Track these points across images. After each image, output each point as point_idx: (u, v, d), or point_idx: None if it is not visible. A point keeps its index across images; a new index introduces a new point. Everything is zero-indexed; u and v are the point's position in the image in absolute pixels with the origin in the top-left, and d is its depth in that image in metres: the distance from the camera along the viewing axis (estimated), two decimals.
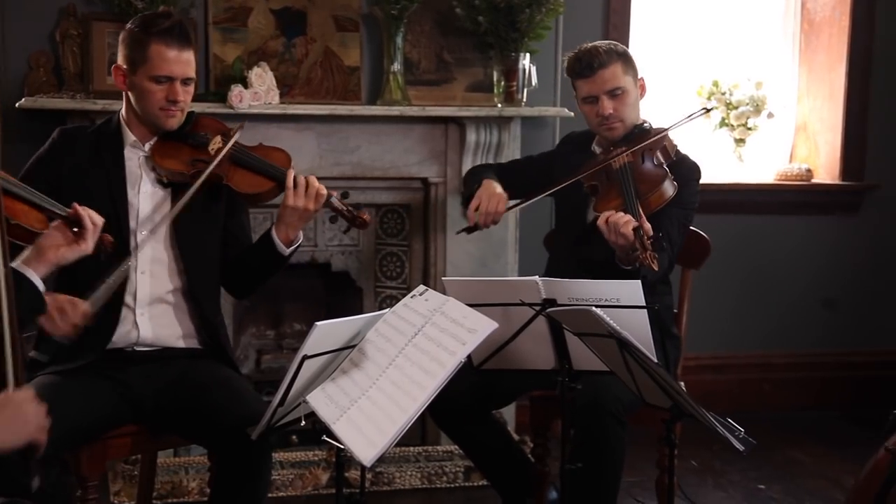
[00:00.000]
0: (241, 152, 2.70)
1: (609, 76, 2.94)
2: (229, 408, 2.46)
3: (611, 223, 2.67)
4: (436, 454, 3.81)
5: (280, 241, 2.68)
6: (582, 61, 2.97)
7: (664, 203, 2.84)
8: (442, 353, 2.03)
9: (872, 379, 4.59)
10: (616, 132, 2.98)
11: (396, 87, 3.80)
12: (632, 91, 2.98)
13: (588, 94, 2.98)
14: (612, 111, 2.95)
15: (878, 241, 4.71)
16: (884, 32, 4.59)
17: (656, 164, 2.92)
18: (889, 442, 2.05)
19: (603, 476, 2.65)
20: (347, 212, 2.73)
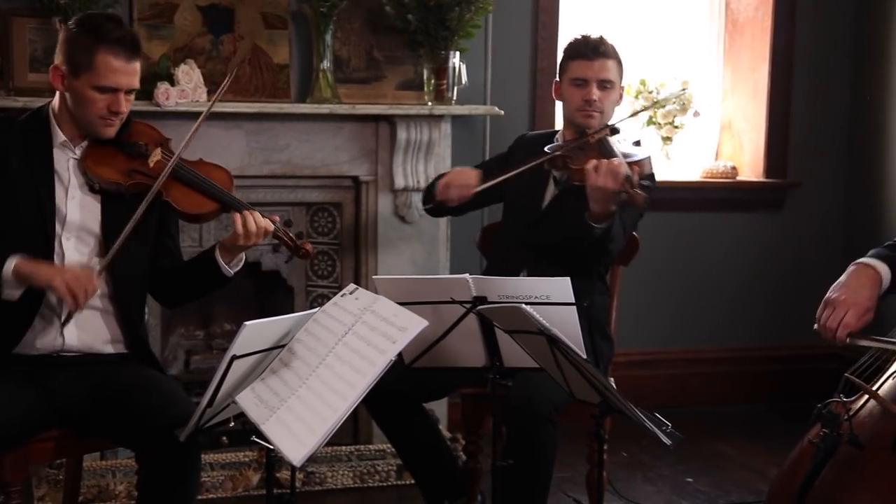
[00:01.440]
0: (184, 169, 2.63)
1: (608, 66, 3.02)
2: (156, 409, 2.42)
3: (601, 166, 2.67)
4: (368, 453, 3.80)
5: (224, 263, 2.65)
6: (589, 43, 3.03)
7: (643, 176, 2.85)
8: (372, 351, 2.02)
9: (797, 373, 4.69)
10: (594, 120, 3.01)
11: (326, 85, 3.78)
12: (617, 90, 3.06)
13: (580, 76, 3.01)
14: (598, 99, 2.99)
15: (801, 238, 4.81)
16: (804, 33, 4.69)
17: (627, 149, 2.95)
18: (812, 434, 2.10)
19: (534, 474, 2.67)
20: (290, 241, 2.69)
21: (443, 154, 3.94)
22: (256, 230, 2.59)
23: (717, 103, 4.88)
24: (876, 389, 2.09)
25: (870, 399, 2.10)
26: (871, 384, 2.10)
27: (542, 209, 3.04)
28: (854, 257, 2.27)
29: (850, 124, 4.78)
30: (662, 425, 2.13)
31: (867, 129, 4.69)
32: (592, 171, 2.69)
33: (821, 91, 4.75)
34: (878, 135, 4.62)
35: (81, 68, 2.49)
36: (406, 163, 3.90)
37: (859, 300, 2.17)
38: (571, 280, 2.37)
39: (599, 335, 2.98)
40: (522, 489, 2.66)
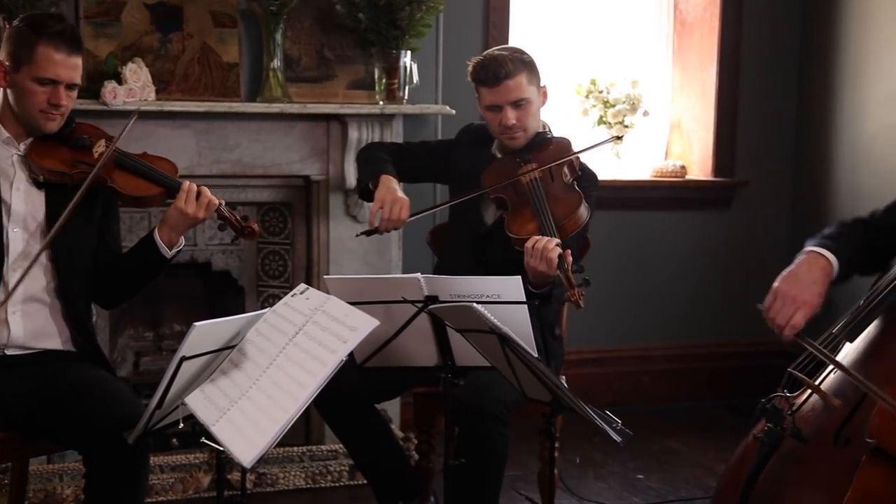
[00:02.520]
0: (127, 156, 2.69)
1: (514, 87, 2.90)
2: (104, 411, 2.39)
3: (536, 249, 2.64)
4: (320, 453, 3.79)
5: (163, 243, 2.64)
6: (488, 70, 2.92)
7: (579, 228, 2.84)
8: (323, 351, 2.02)
9: (746, 369, 4.75)
10: (517, 142, 2.98)
11: (277, 84, 3.76)
12: (535, 101, 2.97)
13: (492, 103, 2.94)
14: (515, 121, 2.93)
15: (749, 235, 4.87)
16: (752, 33, 4.75)
17: (567, 184, 2.92)
18: (756, 429, 2.13)
19: (486, 472, 2.68)
20: (237, 221, 2.72)
21: None
22: (199, 195, 2.63)
23: (667, 103, 4.92)
24: (818, 384, 2.13)
25: (812, 394, 2.13)
26: (813, 379, 2.14)
27: (485, 227, 3.02)
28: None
29: (797, 124, 4.86)
30: (612, 423, 2.15)
31: (813, 129, 4.76)
32: (529, 249, 2.65)
33: (768, 91, 4.82)
34: (823, 134, 4.69)
35: (22, 61, 2.54)
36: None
37: (810, 298, 2.18)
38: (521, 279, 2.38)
39: (550, 334, 3.00)
40: (475, 488, 2.67)
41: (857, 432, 1.96)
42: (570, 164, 2.96)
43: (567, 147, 2.99)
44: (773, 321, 2.19)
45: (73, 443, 2.52)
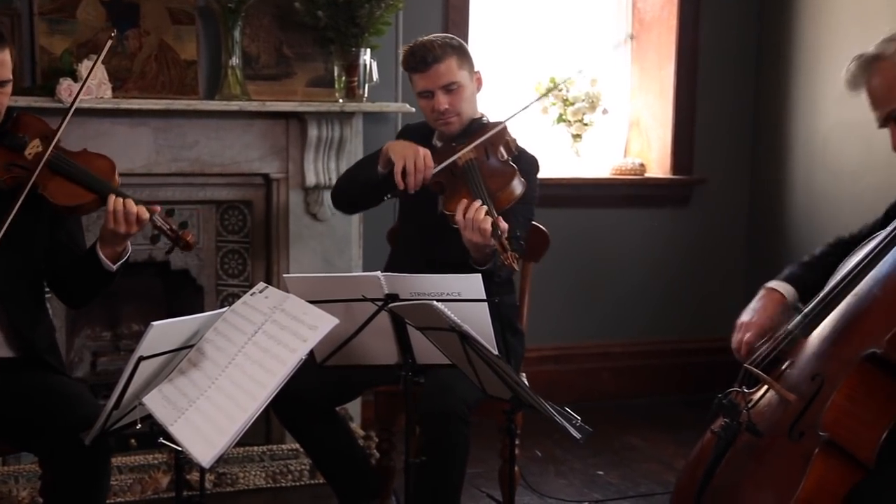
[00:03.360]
0: (61, 159, 2.56)
1: (444, 71, 2.92)
2: (60, 413, 2.37)
3: (468, 218, 2.63)
4: (280, 453, 3.77)
5: (106, 258, 2.56)
6: (416, 55, 2.94)
7: (514, 201, 2.83)
8: (282, 350, 2.01)
9: (704, 364, 4.79)
10: (452, 127, 2.99)
11: (235, 81, 3.74)
12: (468, 86, 2.98)
13: (423, 89, 2.96)
14: (448, 106, 2.94)
15: (707, 233, 4.92)
16: (709, 32, 4.79)
17: (502, 161, 2.92)
18: (714, 425, 2.15)
19: (447, 470, 2.68)
20: (171, 231, 2.58)
21: (354, 151, 3.93)
22: (125, 215, 2.50)
23: (626, 101, 4.96)
24: (774, 379, 2.15)
25: (768, 389, 2.16)
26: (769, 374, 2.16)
27: (433, 220, 3.00)
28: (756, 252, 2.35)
29: (753, 122, 4.91)
30: (572, 419, 2.16)
31: (769, 127, 4.81)
32: (462, 220, 2.65)
33: (725, 89, 4.86)
34: (779, 132, 4.75)
35: None
36: (317, 160, 3.88)
37: (760, 321, 2.33)
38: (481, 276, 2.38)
39: (510, 331, 3.00)
40: (436, 486, 2.67)
41: (811, 426, 1.99)
42: (506, 144, 2.96)
43: (503, 130, 2.97)
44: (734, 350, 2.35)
45: (30, 446, 2.49)
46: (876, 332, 1.98)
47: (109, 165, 2.64)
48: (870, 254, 2.12)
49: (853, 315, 2.10)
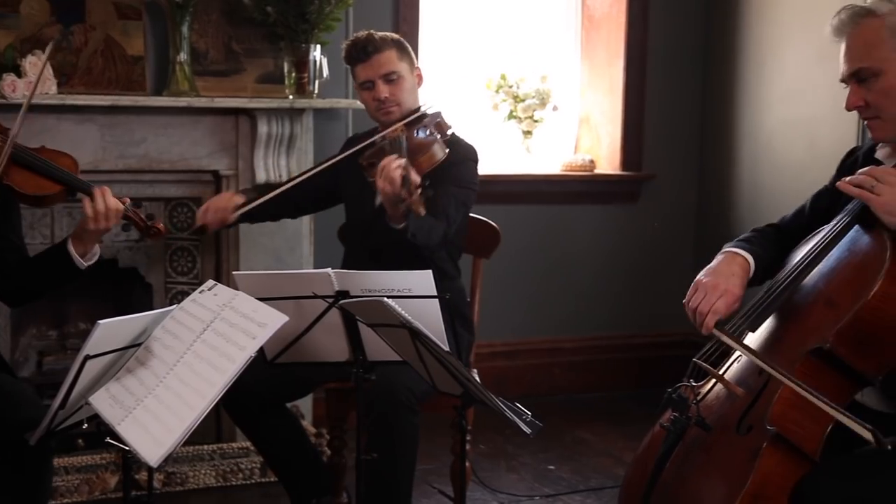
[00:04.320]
0: (24, 153, 2.59)
1: (384, 60, 3.00)
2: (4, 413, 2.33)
3: (380, 167, 2.69)
4: (231, 451, 3.74)
5: (77, 255, 2.60)
6: (357, 46, 3.02)
7: (434, 165, 2.87)
8: (231, 348, 2.00)
9: (653, 359, 4.84)
10: (392, 116, 3.02)
11: (183, 77, 3.70)
12: (408, 78, 3.04)
13: (365, 79, 3.02)
14: (388, 95, 2.99)
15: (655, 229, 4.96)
16: (657, 29, 4.83)
17: (428, 134, 2.97)
18: (663, 418, 2.17)
19: (398, 466, 2.69)
20: (141, 221, 2.68)
21: (305, 148, 3.92)
22: (106, 210, 2.57)
23: (576, 98, 4.98)
24: (722, 373, 2.18)
25: (717, 383, 2.19)
26: (717, 368, 2.19)
27: (374, 209, 3.02)
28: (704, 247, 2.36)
29: (701, 119, 4.96)
30: (522, 415, 2.16)
31: (716, 124, 4.87)
32: (376, 173, 2.70)
33: (674, 86, 4.91)
34: (725, 129, 4.80)
35: None
36: (267, 157, 3.86)
37: (731, 287, 2.22)
38: None
39: (461, 326, 3.01)
40: (387, 482, 2.68)
41: (759, 420, 2.01)
42: (438, 124, 3.01)
43: (437, 113, 3.05)
44: (694, 311, 2.21)
45: None
46: (822, 327, 2.01)
47: (72, 161, 2.70)
48: (814, 249, 2.14)
49: (799, 309, 2.13)
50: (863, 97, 2.15)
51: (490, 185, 4.02)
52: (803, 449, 1.97)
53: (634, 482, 2.23)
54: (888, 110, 2.13)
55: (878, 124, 2.16)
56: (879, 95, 2.13)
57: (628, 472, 2.35)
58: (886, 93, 2.12)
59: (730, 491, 1.96)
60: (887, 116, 2.14)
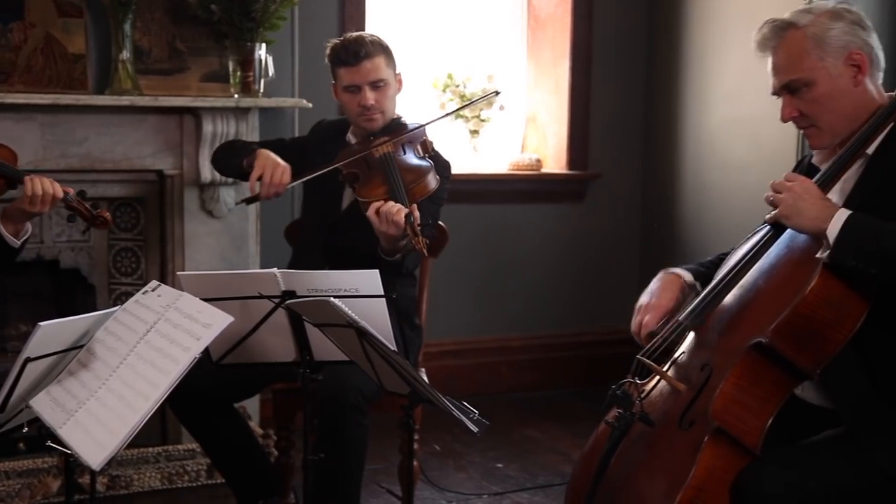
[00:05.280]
0: None
1: (373, 67, 2.96)
2: None
3: (382, 213, 2.67)
4: (177, 453, 3.71)
5: (8, 234, 2.59)
6: (348, 49, 2.97)
7: (427, 195, 2.88)
8: (175, 349, 1.98)
9: (600, 357, 4.87)
10: (376, 123, 3.00)
11: (126, 76, 3.66)
12: (392, 84, 3.03)
13: (351, 84, 2.98)
14: (374, 102, 2.97)
15: (602, 227, 5.01)
16: (602, 29, 4.87)
17: (419, 157, 2.97)
18: (608, 416, 2.19)
19: (346, 466, 2.68)
20: (86, 210, 2.64)
21: None
22: (43, 194, 2.58)
23: (523, 97, 5.01)
24: (665, 370, 2.21)
25: (660, 379, 2.21)
26: (661, 365, 2.22)
27: (340, 211, 3.03)
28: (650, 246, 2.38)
29: (646, 118, 5.01)
30: (469, 413, 2.17)
31: (661, 123, 4.92)
32: (375, 216, 2.70)
33: (619, 86, 4.95)
34: (670, 128, 4.86)
35: None
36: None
37: (661, 302, 2.32)
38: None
39: (408, 324, 3.02)
40: (335, 482, 2.67)
41: (701, 414, 2.04)
42: (424, 143, 3.02)
43: (422, 131, 3.04)
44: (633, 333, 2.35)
45: None
46: (761, 323, 2.04)
47: (10, 153, 2.69)
48: (755, 246, 2.18)
49: (739, 306, 2.16)
50: (797, 108, 2.19)
51: None
52: (744, 442, 2.00)
53: (580, 479, 2.26)
54: (823, 118, 2.17)
55: (814, 132, 2.20)
56: (813, 105, 2.17)
57: (575, 469, 2.37)
58: (819, 101, 2.16)
59: (672, 485, 1.98)
60: (823, 124, 2.17)
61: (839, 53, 2.13)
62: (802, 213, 2.03)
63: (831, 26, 2.14)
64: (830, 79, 2.14)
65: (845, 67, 2.14)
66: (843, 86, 2.15)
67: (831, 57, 2.13)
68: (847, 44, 2.14)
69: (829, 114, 2.16)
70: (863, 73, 2.15)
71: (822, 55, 2.13)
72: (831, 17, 2.15)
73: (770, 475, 1.98)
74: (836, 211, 2.00)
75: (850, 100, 2.15)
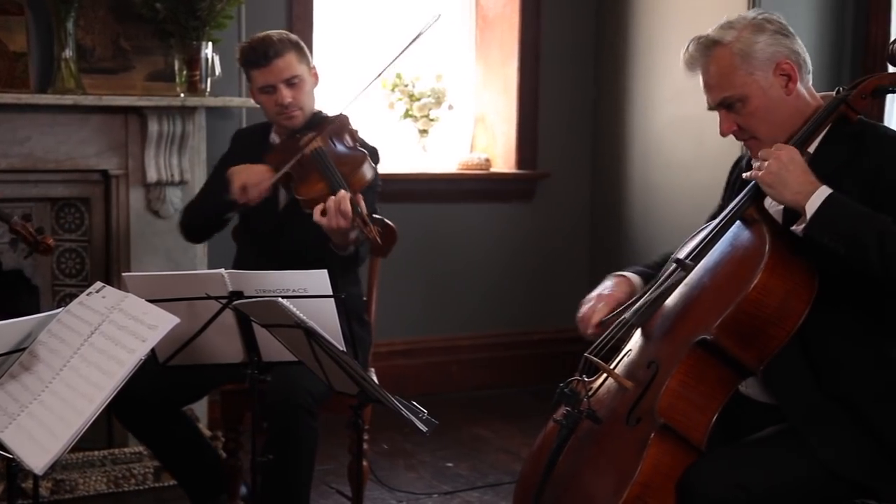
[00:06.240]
0: None
1: (285, 65, 2.92)
2: None
3: (329, 209, 2.64)
4: (123, 456, 3.67)
5: None
6: (257, 51, 2.93)
7: (366, 184, 2.86)
8: (121, 351, 1.96)
9: (550, 355, 4.89)
10: (296, 121, 2.98)
11: (69, 74, 3.61)
12: (308, 79, 2.99)
13: (266, 84, 2.94)
14: (292, 99, 2.93)
15: (551, 226, 5.03)
16: (550, 29, 4.90)
17: (350, 147, 2.94)
18: (556, 414, 2.20)
19: (296, 467, 2.67)
20: (30, 235, 2.58)
21: (198, 147, 3.86)
22: None
23: (471, 97, 5.02)
24: (612, 367, 2.23)
25: (608, 377, 2.23)
26: (608, 363, 2.24)
27: (278, 212, 3.00)
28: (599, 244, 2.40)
29: (594, 117, 5.05)
30: (419, 413, 2.17)
31: (608, 123, 4.96)
32: (322, 218, 2.66)
33: (567, 85, 4.98)
34: (617, 128, 4.90)
35: None
36: (159, 156, 3.79)
37: (613, 293, 2.35)
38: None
39: (357, 323, 3.01)
40: (284, 483, 2.66)
41: (647, 411, 2.06)
42: (350, 133, 2.98)
43: (346, 120, 3.00)
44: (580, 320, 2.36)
45: None
46: (706, 320, 2.07)
47: None
48: (699, 244, 2.20)
49: (685, 303, 2.18)
50: (734, 122, 2.21)
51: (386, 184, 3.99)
52: (690, 439, 2.02)
53: (529, 477, 2.27)
54: (762, 129, 2.19)
55: (755, 143, 2.22)
56: (750, 118, 2.19)
57: (523, 467, 2.38)
58: (755, 114, 2.18)
59: (620, 482, 2.00)
60: (763, 135, 2.19)
61: (767, 65, 2.16)
62: (786, 184, 2.03)
63: (756, 40, 2.16)
64: (763, 91, 2.16)
65: (776, 78, 2.16)
66: (777, 96, 2.17)
67: (760, 70, 2.16)
68: (773, 54, 2.16)
69: (767, 125, 2.18)
70: (794, 81, 2.17)
71: (751, 70, 2.16)
72: (754, 30, 2.17)
73: (715, 471, 2.00)
74: (818, 188, 2.01)
75: (786, 108, 2.18)
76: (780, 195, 2.06)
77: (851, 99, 2.16)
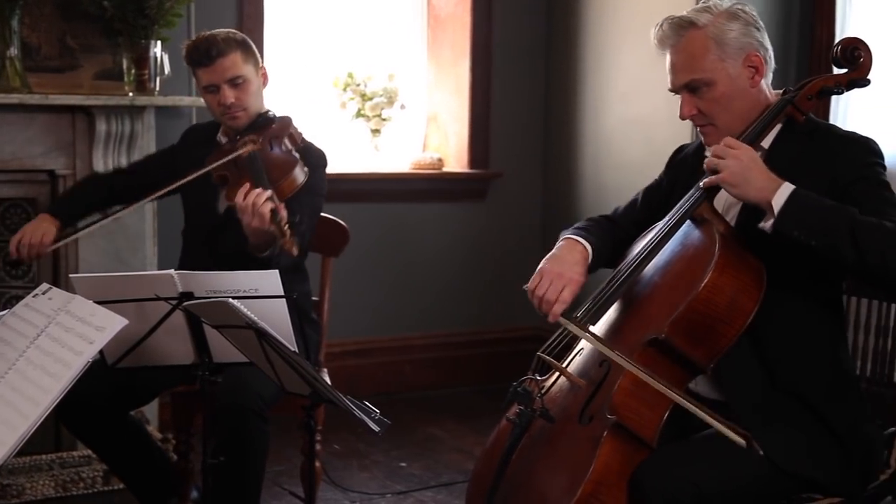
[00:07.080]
0: None
1: (229, 64, 2.89)
2: None
3: (247, 203, 2.59)
4: (71, 460, 3.62)
5: None
6: (200, 49, 2.90)
7: (296, 189, 2.81)
8: (67, 353, 1.93)
9: (502, 354, 4.91)
10: (239, 121, 2.95)
11: (14, 73, 3.55)
12: (254, 80, 2.95)
13: (209, 83, 2.92)
14: (234, 100, 2.90)
15: (503, 226, 5.05)
16: (502, 29, 4.92)
17: (285, 151, 2.90)
18: (509, 412, 2.21)
19: (246, 469, 2.65)
20: None
21: (147, 146, 3.82)
22: None
23: (424, 96, 5.02)
24: (565, 366, 2.24)
25: (560, 375, 2.24)
26: (561, 361, 2.24)
27: (218, 214, 2.97)
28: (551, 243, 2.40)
29: (545, 117, 5.07)
30: (371, 413, 2.16)
31: (560, 122, 4.99)
32: (242, 203, 2.60)
33: (519, 85, 5.00)
34: (568, 127, 4.93)
35: None
36: (107, 156, 3.74)
37: (574, 276, 2.27)
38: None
39: (306, 322, 2.99)
40: (235, 485, 2.63)
41: (600, 410, 2.07)
42: (291, 136, 2.94)
43: (289, 123, 2.97)
44: (540, 299, 2.24)
45: None
46: (658, 318, 2.08)
47: None
48: (650, 243, 2.22)
49: (636, 302, 2.20)
50: (696, 106, 2.22)
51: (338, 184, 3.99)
52: (641, 436, 2.04)
53: (482, 476, 2.27)
54: (721, 117, 2.21)
55: (711, 130, 2.24)
56: (712, 104, 2.20)
57: (476, 466, 2.38)
58: (719, 101, 2.20)
59: (573, 480, 2.01)
60: (720, 123, 2.21)
61: (738, 55, 2.18)
62: (750, 183, 2.03)
63: (730, 27, 2.18)
64: (730, 79, 2.18)
65: (744, 69, 2.19)
66: (742, 86, 2.19)
67: (731, 58, 2.18)
68: (745, 45, 2.18)
69: (727, 113, 2.20)
70: (760, 75, 2.20)
71: (722, 56, 2.18)
72: (729, 17, 2.19)
73: (665, 468, 2.02)
74: (782, 184, 2.02)
75: (748, 100, 2.20)
76: (745, 193, 2.06)
77: (798, 100, 2.19)
